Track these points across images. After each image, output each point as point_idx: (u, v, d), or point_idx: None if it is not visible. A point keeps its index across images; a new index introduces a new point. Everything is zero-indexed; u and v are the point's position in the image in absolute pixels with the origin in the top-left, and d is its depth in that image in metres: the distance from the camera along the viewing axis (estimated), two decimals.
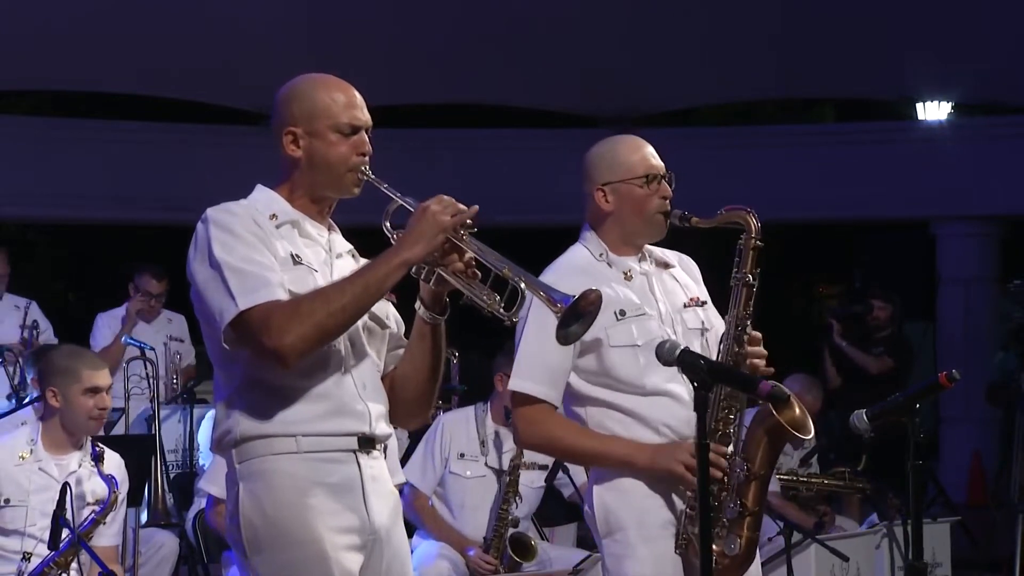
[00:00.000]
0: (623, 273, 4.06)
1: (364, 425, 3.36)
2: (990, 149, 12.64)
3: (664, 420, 3.96)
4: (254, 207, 3.39)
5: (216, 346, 3.32)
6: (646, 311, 4.01)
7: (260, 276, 3.24)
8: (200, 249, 3.31)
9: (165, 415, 7.47)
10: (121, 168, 12.09)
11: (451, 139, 13.13)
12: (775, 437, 3.91)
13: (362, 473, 3.36)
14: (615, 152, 4.11)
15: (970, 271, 12.90)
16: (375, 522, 3.37)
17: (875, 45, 11.76)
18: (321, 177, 3.42)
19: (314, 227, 3.44)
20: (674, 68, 12.05)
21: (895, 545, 6.53)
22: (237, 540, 3.33)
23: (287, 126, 3.44)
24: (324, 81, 3.48)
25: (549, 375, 3.96)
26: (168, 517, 6.73)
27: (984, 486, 11.84)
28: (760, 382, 3.50)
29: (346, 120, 3.40)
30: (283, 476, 3.28)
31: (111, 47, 11.26)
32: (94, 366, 5.29)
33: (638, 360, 3.94)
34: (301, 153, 3.41)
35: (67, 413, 5.21)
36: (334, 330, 3.27)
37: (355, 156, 3.40)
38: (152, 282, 8.56)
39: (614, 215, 4.07)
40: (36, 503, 5.15)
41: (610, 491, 3.99)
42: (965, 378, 4.06)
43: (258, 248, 3.28)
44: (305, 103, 3.43)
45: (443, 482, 6.33)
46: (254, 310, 3.21)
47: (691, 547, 3.86)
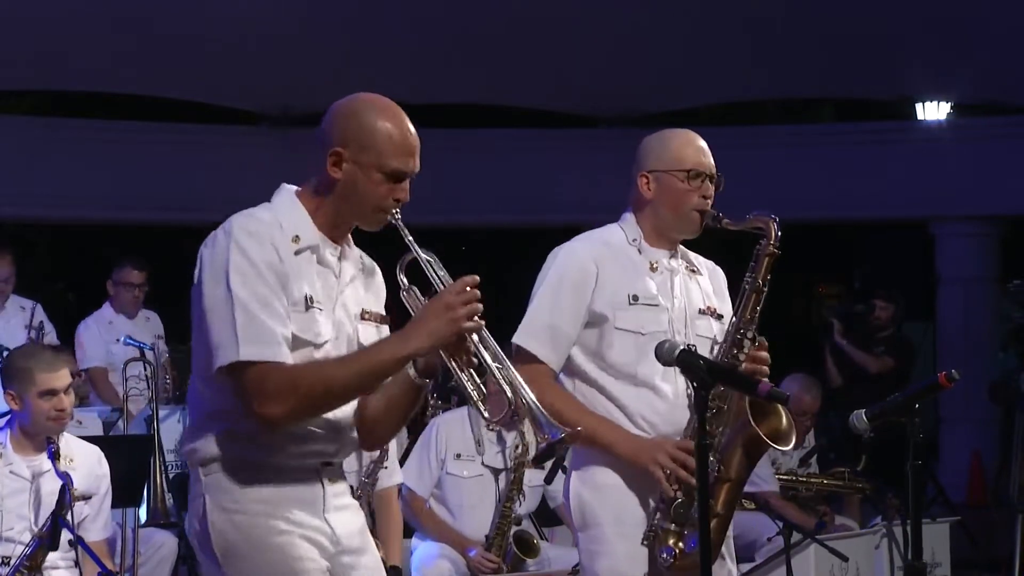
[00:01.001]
0: (650, 263, 4.08)
1: (329, 456, 3.39)
2: (990, 149, 12.64)
3: (643, 413, 3.99)
4: (277, 223, 3.31)
5: (203, 360, 3.29)
6: (660, 303, 4.03)
7: (269, 329, 3.20)
8: (217, 264, 3.24)
9: (164, 415, 7.47)
10: (121, 168, 12.08)
11: (451, 139, 13.12)
12: (751, 446, 3.95)
13: (324, 490, 3.37)
14: (667, 142, 4.14)
15: (969, 271, 12.90)
16: (339, 535, 3.38)
17: (875, 45, 11.75)
18: (350, 208, 3.36)
19: (330, 251, 3.39)
20: (674, 68, 12.05)
21: (894, 545, 6.53)
22: (208, 550, 3.32)
23: (335, 145, 3.32)
24: (387, 111, 3.36)
25: (552, 338, 4.01)
26: (167, 517, 6.74)
27: (983, 486, 11.83)
28: (759, 383, 3.51)
29: (396, 166, 3.32)
30: (249, 490, 3.29)
31: (111, 47, 11.25)
32: (50, 367, 5.22)
33: (637, 348, 3.96)
34: (340, 176, 3.33)
35: (26, 416, 5.19)
36: (326, 409, 3.29)
37: (390, 200, 3.34)
38: (133, 273, 8.56)
39: (652, 204, 4.10)
40: (11, 506, 5.13)
41: (587, 485, 4.03)
42: (964, 378, 4.07)
43: (274, 289, 3.23)
44: (361, 130, 3.32)
45: (441, 484, 6.34)
46: (253, 367, 3.19)
47: (657, 540, 3.88)
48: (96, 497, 5.35)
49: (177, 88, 12.55)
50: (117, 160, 12.12)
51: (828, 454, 7.83)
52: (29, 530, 5.09)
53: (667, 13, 11.41)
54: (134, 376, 7.72)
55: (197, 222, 12.67)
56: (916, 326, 11.85)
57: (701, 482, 3.42)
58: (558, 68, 12.00)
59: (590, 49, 11.72)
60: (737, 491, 3.97)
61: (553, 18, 11.39)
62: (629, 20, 11.45)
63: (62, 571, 5.17)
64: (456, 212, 12.52)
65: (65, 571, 5.18)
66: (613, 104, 12.48)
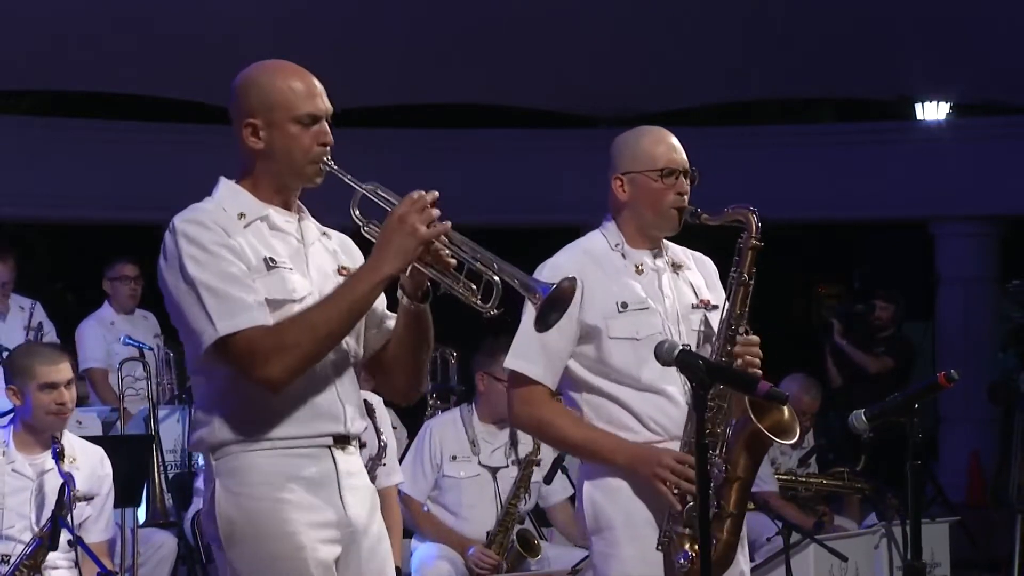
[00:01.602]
0: (635, 266, 4.05)
1: (339, 425, 3.38)
2: (989, 149, 12.64)
3: (655, 417, 3.97)
4: (220, 208, 3.36)
5: (193, 356, 3.32)
6: (650, 305, 4.00)
7: (238, 299, 3.22)
8: (171, 262, 3.29)
9: (163, 415, 7.47)
10: (121, 168, 12.08)
11: (451, 139, 13.13)
12: (754, 444, 3.93)
13: (337, 468, 3.37)
14: (638, 142, 4.11)
15: (969, 271, 12.90)
16: (351, 516, 3.37)
17: (874, 45, 11.75)
18: (283, 168, 3.38)
19: (283, 218, 3.41)
20: (674, 68, 12.05)
21: (894, 545, 6.53)
22: (213, 534, 3.34)
23: (246, 117, 3.37)
24: (281, 69, 3.41)
25: (545, 357, 3.97)
26: (167, 517, 6.74)
27: (983, 486, 11.83)
28: (759, 382, 3.50)
29: (306, 110, 3.35)
30: (258, 472, 3.29)
31: (111, 47, 11.25)
32: (50, 361, 5.25)
33: (636, 353, 3.94)
34: (262, 145, 3.36)
35: (27, 411, 5.20)
36: (321, 354, 3.28)
37: (316, 147, 3.36)
38: (128, 267, 8.61)
39: (630, 205, 4.07)
40: (12, 505, 5.14)
41: (599, 489, 4.01)
42: (964, 378, 4.07)
43: (231, 262, 3.25)
44: (263, 93, 3.36)
45: (439, 486, 6.35)
46: (236, 337, 3.20)
47: (672, 545, 3.88)
48: (98, 498, 5.35)
49: (177, 88, 12.55)
50: (117, 160, 12.12)
51: (827, 454, 7.83)
52: (30, 529, 5.09)
53: (667, 13, 11.41)
54: (131, 376, 7.73)
55: None
56: (916, 326, 11.85)
57: (701, 482, 3.42)
58: (558, 68, 12.00)
59: (590, 49, 11.72)
60: (747, 490, 3.95)
61: (553, 18, 11.39)
62: (629, 20, 11.45)
63: (62, 571, 5.17)
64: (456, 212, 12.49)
65: (65, 571, 5.18)
66: (613, 104, 12.47)
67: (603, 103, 12.68)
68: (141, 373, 7.69)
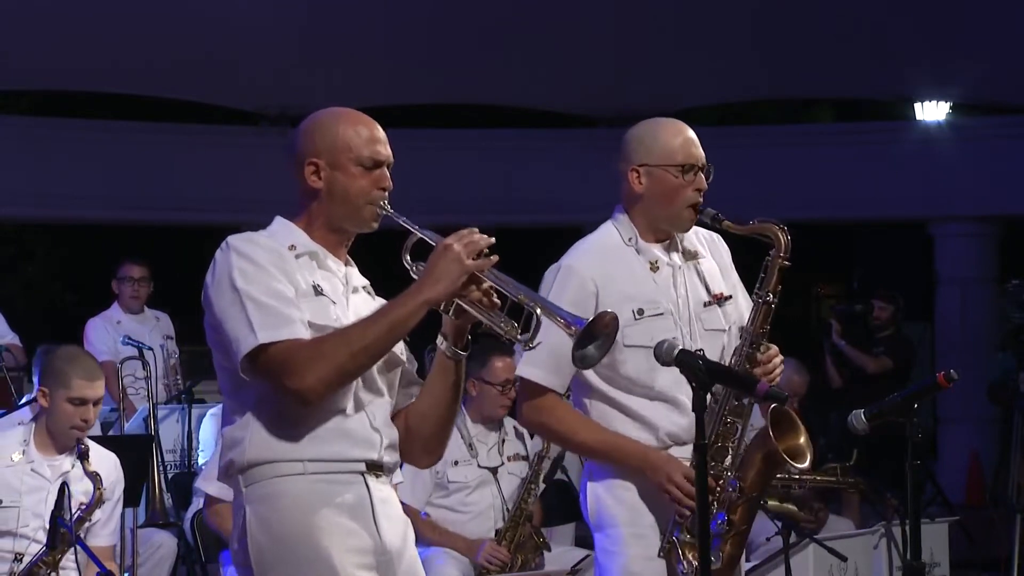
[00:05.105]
0: (650, 263, 4.01)
1: (373, 452, 3.36)
2: (988, 149, 12.65)
3: (665, 427, 3.96)
4: (274, 238, 3.39)
5: (228, 376, 3.32)
6: (663, 310, 3.97)
7: (282, 313, 3.23)
8: (219, 277, 3.29)
9: (163, 415, 7.48)
10: (121, 168, 12.08)
11: (451, 139, 13.13)
12: (770, 462, 3.91)
13: (371, 494, 3.35)
14: (656, 134, 4.03)
15: (968, 271, 12.91)
16: (386, 542, 3.36)
17: (874, 45, 11.76)
18: (340, 209, 3.41)
19: (332, 260, 3.43)
20: (674, 68, 12.05)
21: (893, 545, 6.52)
22: (245, 563, 3.30)
23: (309, 157, 3.41)
24: (347, 115, 3.47)
25: (555, 363, 3.92)
26: (166, 517, 6.75)
27: (982, 486, 11.84)
28: (758, 383, 3.50)
29: (368, 154, 3.40)
30: (290, 497, 3.27)
31: (111, 47, 11.26)
32: (88, 376, 5.18)
33: (650, 361, 3.88)
34: (322, 185, 3.40)
35: (51, 416, 5.19)
36: (356, 371, 3.27)
37: (375, 190, 3.39)
38: (134, 268, 8.64)
39: (644, 199, 4.01)
40: (29, 504, 5.13)
41: (603, 487, 4.01)
42: (963, 378, 4.07)
43: (280, 280, 3.28)
44: (329, 135, 3.41)
45: (446, 493, 6.32)
46: (275, 347, 3.20)
47: (674, 552, 3.86)
48: (109, 503, 5.34)
49: (177, 88, 12.56)
50: (117, 160, 12.12)
51: (826, 454, 7.83)
52: (43, 528, 5.09)
53: (667, 13, 11.42)
54: (130, 375, 7.74)
55: (197, 222, 12.82)
56: (915, 326, 11.86)
57: (700, 486, 3.42)
58: (558, 68, 12.01)
59: (590, 49, 11.72)
60: (755, 507, 3.95)
61: (553, 18, 11.40)
62: (629, 20, 11.46)
63: (70, 572, 5.18)
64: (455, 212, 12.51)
65: (72, 572, 5.18)
66: (613, 104, 12.48)
67: (603, 103, 12.69)
68: (142, 373, 7.70)
